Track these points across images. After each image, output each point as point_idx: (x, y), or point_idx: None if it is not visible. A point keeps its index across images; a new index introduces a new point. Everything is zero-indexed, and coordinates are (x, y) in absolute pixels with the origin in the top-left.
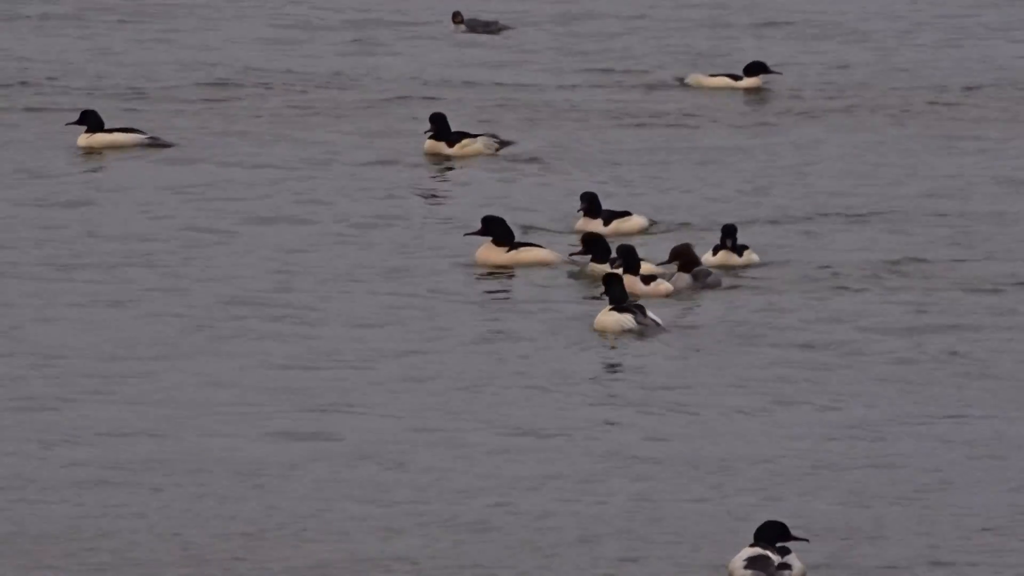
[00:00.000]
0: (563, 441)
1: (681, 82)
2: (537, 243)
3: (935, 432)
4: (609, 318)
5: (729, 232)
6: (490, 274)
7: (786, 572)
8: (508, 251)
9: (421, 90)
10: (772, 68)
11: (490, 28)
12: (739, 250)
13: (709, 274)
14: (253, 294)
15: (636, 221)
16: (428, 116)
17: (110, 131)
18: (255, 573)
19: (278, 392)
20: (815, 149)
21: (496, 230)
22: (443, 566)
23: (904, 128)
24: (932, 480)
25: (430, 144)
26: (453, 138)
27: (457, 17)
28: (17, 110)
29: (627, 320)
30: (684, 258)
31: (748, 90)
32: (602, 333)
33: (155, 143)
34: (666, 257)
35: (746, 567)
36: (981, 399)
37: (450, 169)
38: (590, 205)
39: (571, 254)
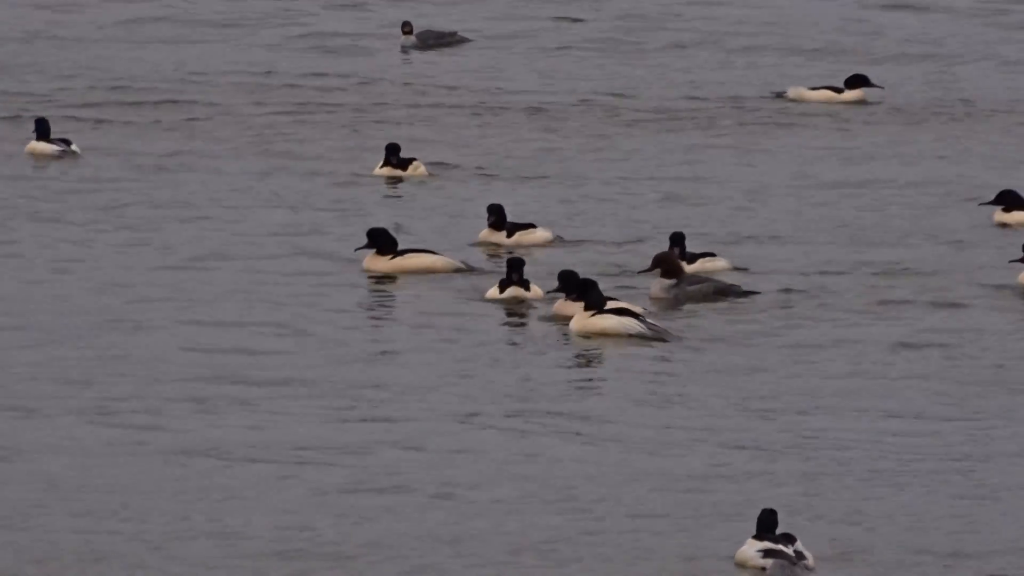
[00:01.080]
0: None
1: (780, 95)
2: (429, 249)
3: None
4: (609, 320)
5: (676, 240)
6: (377, 281)
7: (804, 561)
8: (392, 259)
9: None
10: (874, 82)
11: (444, 40)
12: (691, 257)
13: (695, 282)
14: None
15: (540, 235)
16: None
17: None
18: None
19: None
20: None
21: (378, 241)
22: None
23: None
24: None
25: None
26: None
27: (406, 27)
28: None
29: (631, 324)
30: (666, 265)
31: (850, 103)
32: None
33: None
34: (648, 264)
35: (764, 556)
36: (977, 409)
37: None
38: (497, 217)
39: (548, 291)
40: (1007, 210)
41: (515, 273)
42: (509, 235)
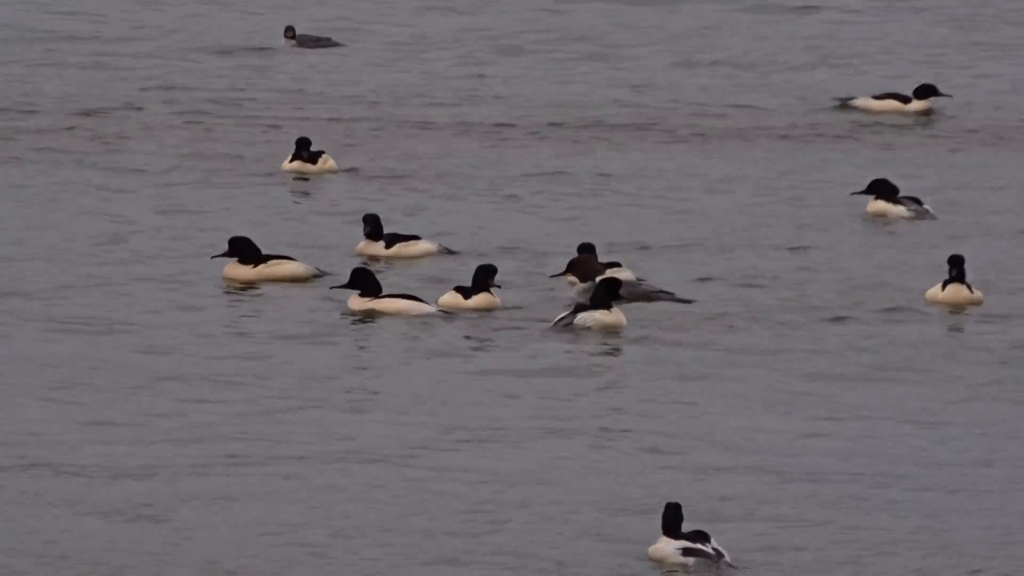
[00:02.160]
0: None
1: (845, 103)
2: (288, 256)
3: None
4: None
5: (586, 251)
6: (240, 290)
7: (724, 559)
8: (255, 267)
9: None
10: (942, 91)
11: (320, 43)
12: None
13: (629, 287)
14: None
15: (422, 247)
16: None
17: None
18: None
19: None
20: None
21: (241, 250)
22: None
23: None
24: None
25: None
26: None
27: (289, 32)
28: None
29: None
30: (580, 269)
31: (917, 113)
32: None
33: None
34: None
35: (684, 554)
36: (920, 411)
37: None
38: (372, 228)
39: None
40: (880, 199)
41: (488, 278)
42: (388, 246)
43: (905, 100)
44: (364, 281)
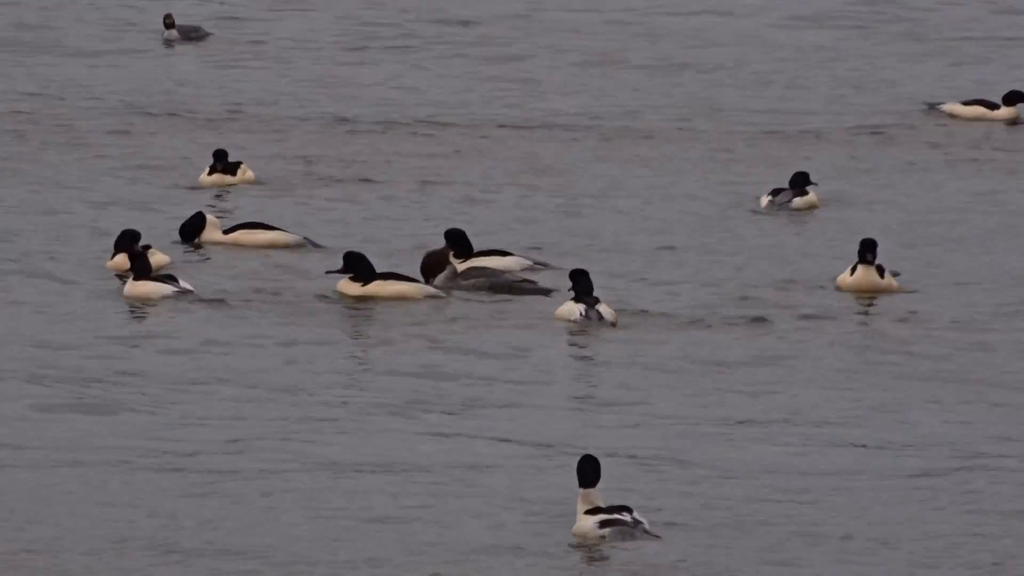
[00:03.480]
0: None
1: (932, 108)
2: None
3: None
4: (564, 307)
5: (451, 237)
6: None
7: (642, 524)
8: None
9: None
10: None
11: (191, 35)
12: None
13: (474, 276)
14: None
15: (267, 236)
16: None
17: None
18: None
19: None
20: None
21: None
22: None
23: None
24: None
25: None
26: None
27: (168, 19)
28: None
29: (575, 310)
30: (434, 260)
31: (1005, 121)
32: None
33: None
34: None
35: (602, 526)
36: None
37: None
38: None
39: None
40: (799, 194)
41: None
42: (227, 232)
43: (992, 106)
44: (356, 264)
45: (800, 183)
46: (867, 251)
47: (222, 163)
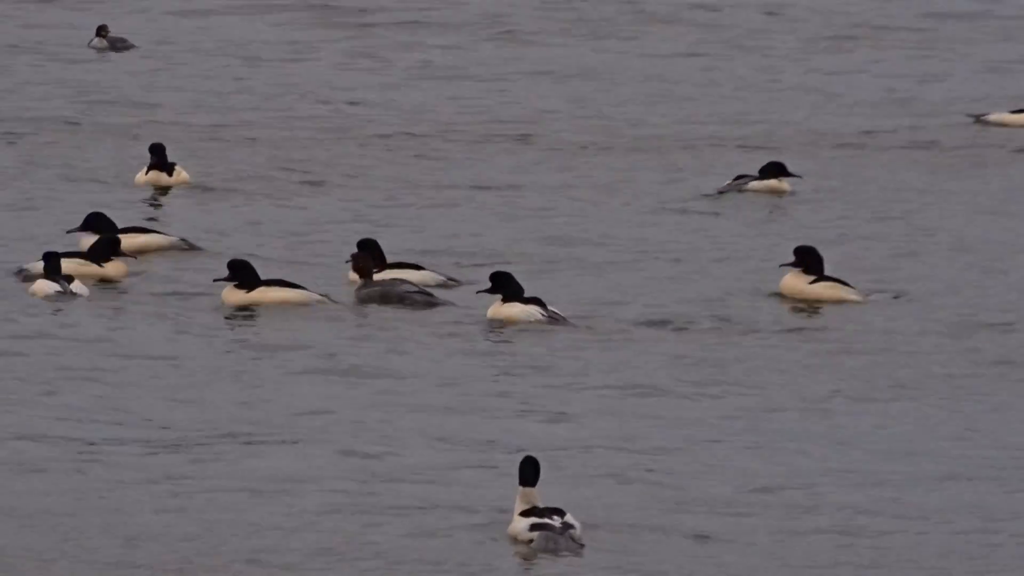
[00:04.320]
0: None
1: (979, 119)
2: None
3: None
4: (513, 308)
5: (365, 246)
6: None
7: (572, 530)
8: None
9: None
10: None
11: (116, 47)
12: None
13: (404, 285)
14: None
15: (154, 239)
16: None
17: None
18: None
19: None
20: None
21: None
22: None
23: None
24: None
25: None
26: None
27: (102, 31)
28: None
29: (534, 311)
30: (358, 264)
31: None
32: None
33: None
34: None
35: (531, 530)
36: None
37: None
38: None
39: (479, 291)
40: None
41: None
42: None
43: None
44: (240, 272)
45: (771, 172)
46: (800, 256)
47: (158, 157)
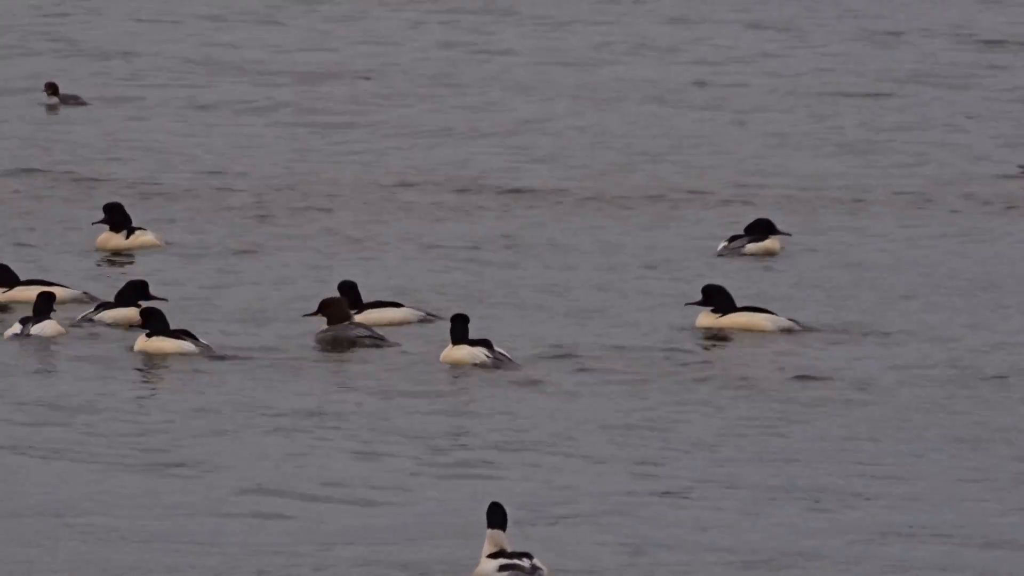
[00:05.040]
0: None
1: None
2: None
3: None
4: (460, 351)
5: (345, 289)
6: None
7: (539, 572)
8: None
9: None
10: None
11: (70, 102)
12: (364, 306)
13: (355, 329)
14: None
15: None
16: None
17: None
18: None
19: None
20: None
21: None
22: None
23: None
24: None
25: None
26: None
27: (50, 88)
28: None
29: (479, 353)
30: (331, 310)
31: None
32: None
33: None
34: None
35: (500, 570)
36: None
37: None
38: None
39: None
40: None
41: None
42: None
43: None
44: (150, 320)
45: (759, 230)
46: (707, 295)
47: (111, 216)
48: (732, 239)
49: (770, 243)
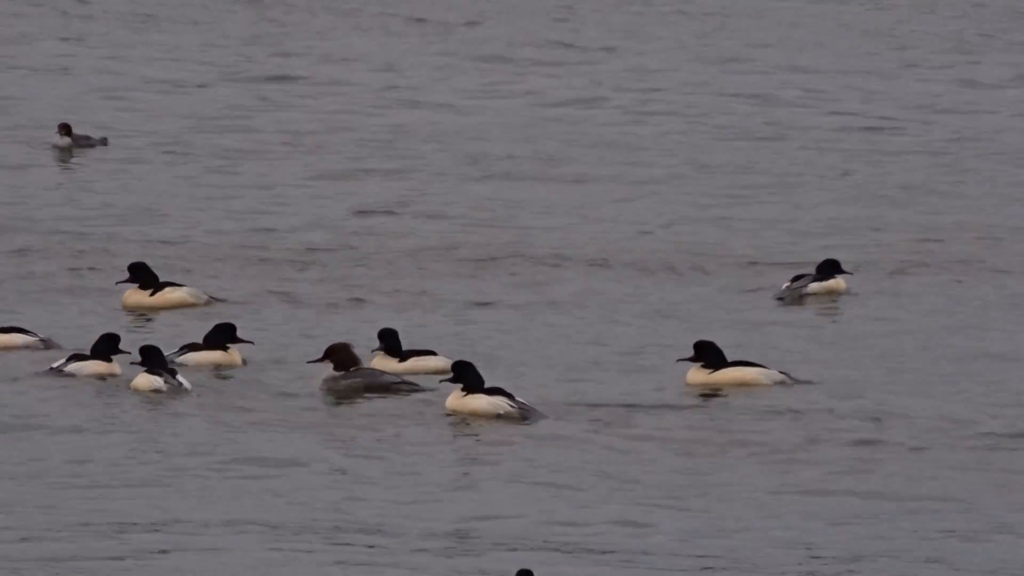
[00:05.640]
0: None
1: None
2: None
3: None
4: (479, 401)
5: (385, 336)
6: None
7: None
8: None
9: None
10: None
11: (82, 143)
12: (406, 354)
13: (371, 374)
14: None
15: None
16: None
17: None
18: None
19: None
20: None
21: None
22: None
23: None
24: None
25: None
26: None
27: (63, 129)
28: None
29: (502, 403)
30: (339, 356)
31: None
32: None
33: None
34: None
35: None
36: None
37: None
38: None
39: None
40: None
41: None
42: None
43: None
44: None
45: (827, 270)
46: (699, 351)
47: (135, 275)
48: (796, 278)
49: (835, 283)
